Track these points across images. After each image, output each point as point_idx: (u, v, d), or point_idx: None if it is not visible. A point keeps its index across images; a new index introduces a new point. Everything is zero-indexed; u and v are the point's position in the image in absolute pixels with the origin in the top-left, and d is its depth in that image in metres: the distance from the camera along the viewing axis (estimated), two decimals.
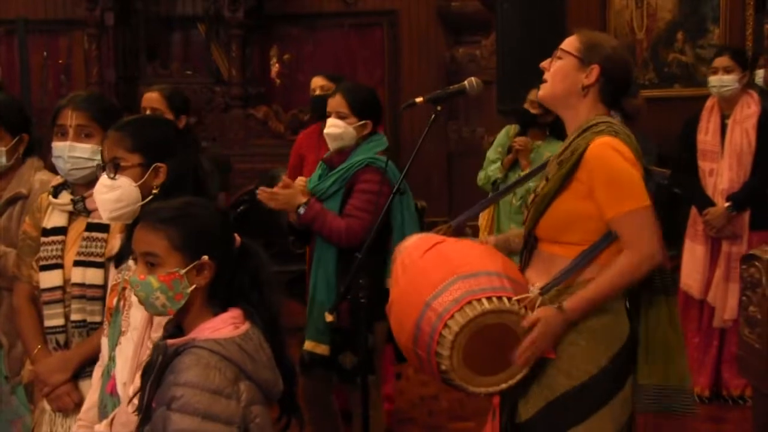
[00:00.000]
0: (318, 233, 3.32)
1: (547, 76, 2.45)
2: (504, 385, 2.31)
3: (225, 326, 1.93)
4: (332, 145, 3.42)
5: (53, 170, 2.77)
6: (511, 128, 4.68)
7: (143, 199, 2.28)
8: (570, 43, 2.45)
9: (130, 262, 2.25)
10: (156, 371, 1.91)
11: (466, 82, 2.77)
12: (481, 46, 7.06)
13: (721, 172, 4.47)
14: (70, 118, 2.59)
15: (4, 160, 2.90)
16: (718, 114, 4.57)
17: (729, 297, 4.44)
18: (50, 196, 2.64)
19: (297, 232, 3.47)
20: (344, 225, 3.26)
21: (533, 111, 4.45)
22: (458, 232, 2.65)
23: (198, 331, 1.94)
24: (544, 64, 2.47)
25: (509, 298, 2.25)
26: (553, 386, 2.33)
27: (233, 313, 1.97)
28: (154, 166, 2.28)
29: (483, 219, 4.73)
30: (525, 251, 2.50)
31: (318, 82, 4.71)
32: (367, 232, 3.18)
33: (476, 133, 7.03)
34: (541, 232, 2.42)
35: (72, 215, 2.60)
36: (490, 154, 4.70)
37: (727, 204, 4.41)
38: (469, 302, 2.22)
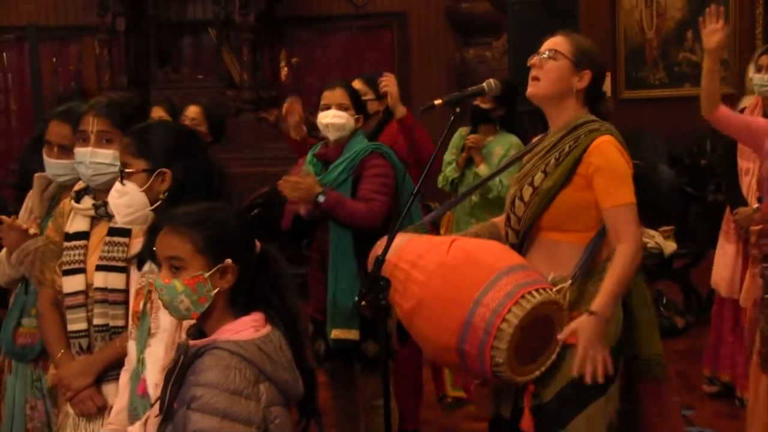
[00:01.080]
0: (339, 218, 3.39)
1: (539, 74, 2.57)
2: (538, 372, 2.44)
3: (245, 329, 1.96)
4: (334, 136, 3.52)
5: None
6: (463, 130, 4.82)
7: (152, 204, 2.30)
8: (562, 44, 2.58)
9: (153, 266, 2.27)
10: (177, 372, 1.94)
11: (485, 84, 2.77)
12: (492, 47, 7.07)
13: (757, 172, 4.32)
14: (92, 124, 2.61)
15: None
16: (760, 112, 4.41)
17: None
18: (72, 201, 2.66)
19: (297, 226, 3.54)
20: (365, 207, 3.37)
21: (484, 106, 4.61)
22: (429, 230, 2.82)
23: (219, 333, 1.97)
24: (534, 61, 2.58)
25: (550, 289, 2.41)
26: (575, 365, 2.44)
27: (254, 317, 1.99)
28: (158, 171, 2.30)
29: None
30: (523, 241, 2.60)
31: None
32: (386, 213, 3.36)
33: None
34: (544, 223, 2.56)
35: (94, 220, 2.62)
36: (446, 156, 4.84)
37: (756, 206, 4.25)
38: (523, 296, 2.35)
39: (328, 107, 3.53)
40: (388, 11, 7.75)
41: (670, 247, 5.45)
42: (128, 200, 2.30)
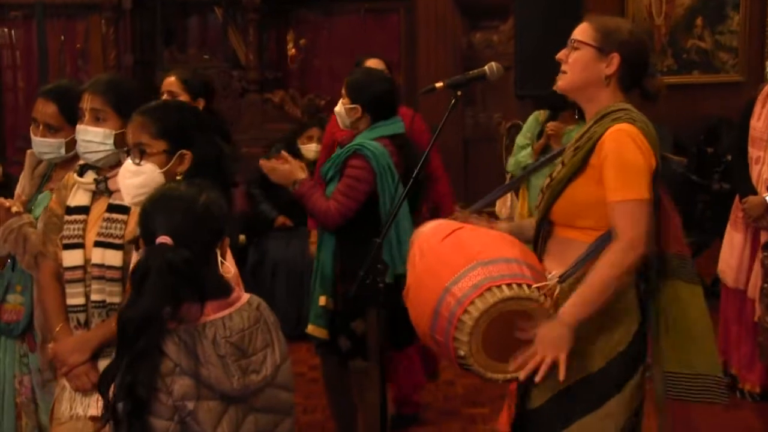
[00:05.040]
0: (305, 209, 3.47)
1: (565, 67, 2.44)
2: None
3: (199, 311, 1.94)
4: (341, 125, 3.59)
5: None
6: (541, 114, 4.68)
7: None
8: (585, 32, 2.43)
9: None
10: None
11: (486, 67, 2.74)
12: (499, 31, 7.03)
13: (767, 161, 4.31)
14: (87, 102, 2.63)
15: (63, 151, 2.91)
16: None
17: None
18: (75, 175, 2.65)
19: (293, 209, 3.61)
20: (324, 206, 3.38)
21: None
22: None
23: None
24: (560, 55, 2.46)
25: (528, 285, 2.25)
26: (568, 373, 2.28)
27: (226, 300, 1.98)
28: (179, 153, 2.31)
29: (501, 206, 4.74)
30: (540, 237, 2.50)
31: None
32: (344, 216, 3.37)
33: (493, 119, 7.01)
34: (556, 217, 2.44)
35: (95, 195, 2.61)
36: (520, 140, 4.71)
37: (766, 194, 4.26)
38: (489, 288, 2.21)
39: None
40: None
41: None
42: (143, 180, 2.30)
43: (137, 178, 2.31)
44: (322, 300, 3.39)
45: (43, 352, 2.86)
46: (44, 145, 2.91)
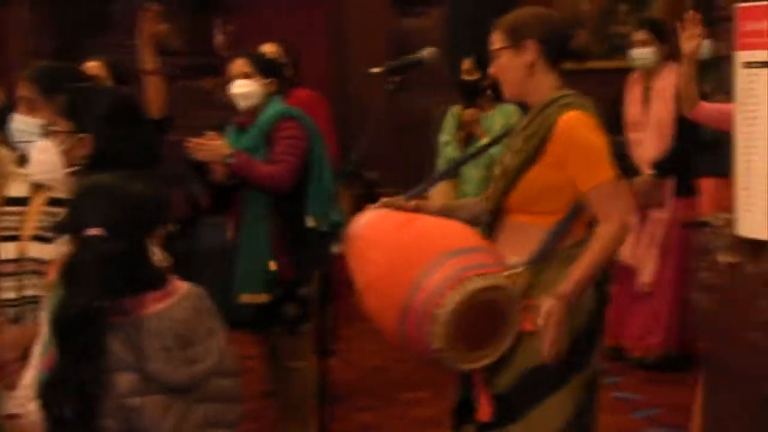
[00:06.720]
0: (249, 181, 3.48)
1: (500, 77, 2.54)
2: (487, 360, 2.36)
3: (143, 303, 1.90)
4: (243, 104, 3.60)
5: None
6: (455, 108, 4.83)
7: (70, 167, 2.34)
8: (496, 39, 2.54)
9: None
10: None
11: (424, 52, 2.78)
12: (429, 16, 7.06)
13: (646, 143, 4.71)
14: (21, 90, 2.65)
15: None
16: (640, 86, 4.81)
17: (648, 261, 4.71)
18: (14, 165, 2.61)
19: (216, 194, 3.61)
20: (272, 170, 3.46)
21: (470, 78, 4.70)
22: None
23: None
24: (491, 71, 2.57)
25: (496, 274, 2.32)
26: (533, 355, 2.37)
27: (164, 291, 1.93)
28: (78, 136, 2.34)
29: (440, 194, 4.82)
30: (491, 223, 2.55)
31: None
32: (293, 174, 3.47)
33: (425, 105, 7.01)
34: (511, 204, 2.49)
35: (36, 187, 2.55)
36: (442, 137, 4.84)
37: (651, 171, 4.66)
38: (461, 280, 2.26)
39: (235, 78, 3.61)
40: None
41: None
42: (46, 158, 2.35)
43: (42, 155, 2.37)
44: (273, 265, 3.41)
45: None
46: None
